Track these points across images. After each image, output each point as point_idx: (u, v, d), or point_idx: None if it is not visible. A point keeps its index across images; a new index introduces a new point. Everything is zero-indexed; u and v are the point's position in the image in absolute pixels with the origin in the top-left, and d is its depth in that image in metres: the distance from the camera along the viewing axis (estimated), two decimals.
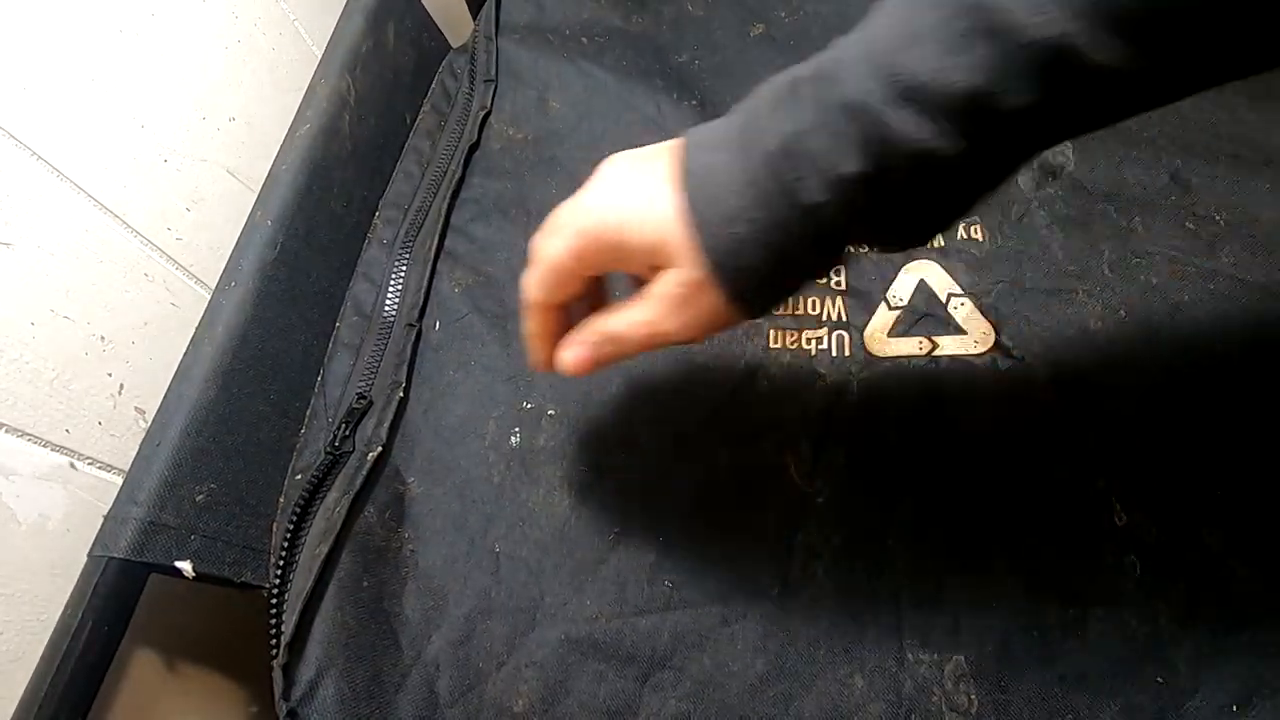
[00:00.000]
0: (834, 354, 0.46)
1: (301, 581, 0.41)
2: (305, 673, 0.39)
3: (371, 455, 0.45)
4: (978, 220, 0.47)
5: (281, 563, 0.42)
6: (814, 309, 0.47)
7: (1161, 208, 0.45)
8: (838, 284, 0.48)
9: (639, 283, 0.32)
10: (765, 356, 0.46)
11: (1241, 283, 0.41)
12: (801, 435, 0.43)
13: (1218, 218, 0.43)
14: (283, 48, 0.56)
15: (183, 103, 0.48)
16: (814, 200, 0.26)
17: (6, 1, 0.38)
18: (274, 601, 0.41)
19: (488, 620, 0.41)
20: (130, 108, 0.44)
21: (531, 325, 0.35)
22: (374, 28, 0.58)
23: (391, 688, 0.40)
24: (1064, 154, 0.48)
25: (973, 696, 0.35)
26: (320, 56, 0.56)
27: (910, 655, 0.37)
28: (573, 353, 0.34)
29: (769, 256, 0.28)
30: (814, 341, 0.46)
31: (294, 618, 0.39)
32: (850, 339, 0.46)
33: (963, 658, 0.36)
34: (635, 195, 0.30)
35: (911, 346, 0.45)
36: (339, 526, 0.42)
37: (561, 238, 0.32)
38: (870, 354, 0.45)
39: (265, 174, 0.51)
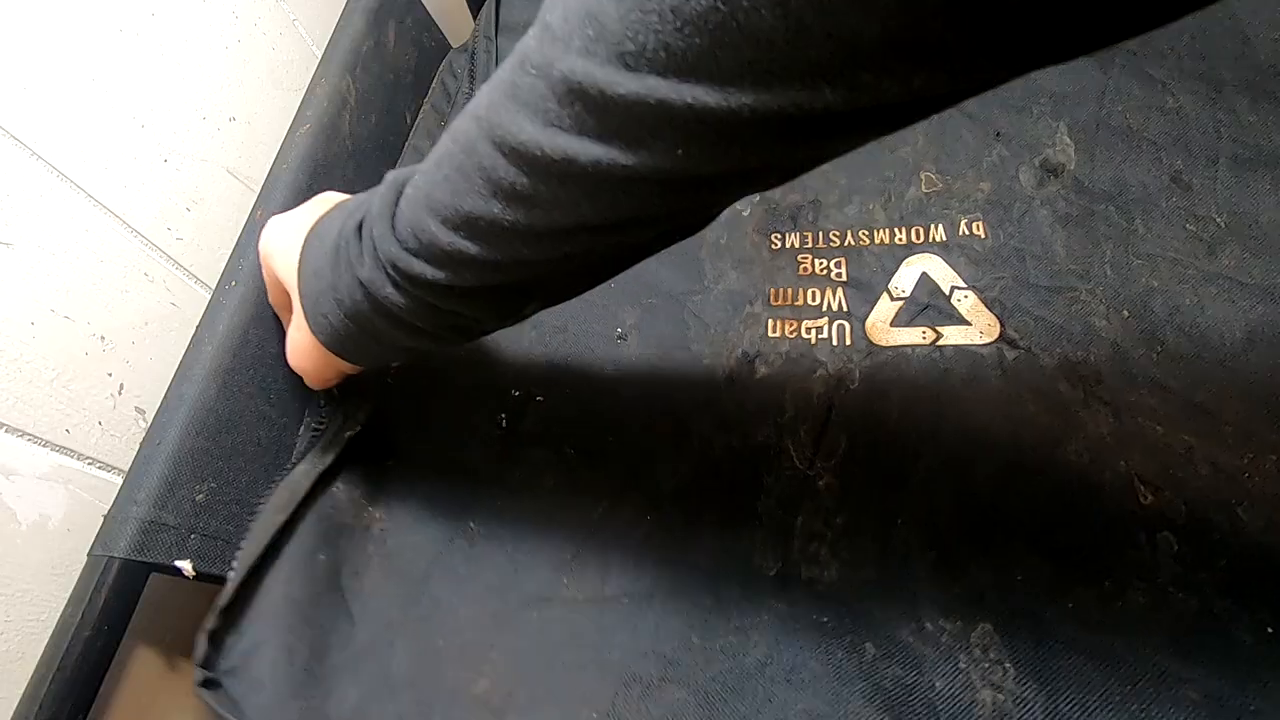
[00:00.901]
0: (835, 343, 0.45)
1: (251, 550, 0.39)
2: (237, 643, 0.36)
3: (348, 433, 0.43)
4: (980, 217, 0.47)
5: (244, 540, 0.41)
6: (814, 299, 0.47)
7: (1162, 209, 0.45)
8: (838, 275, 0.48)
9: None
10: (763, 344, 0.46)
11: (1242, 285, 0.41)
12: (800, 421, 0.43)
13: (1218, 219, 0.43)
14: (283, 48, 0.56)
15: (183, 103, 0.48)
16: (368, 275, 0.31)
17: (6, 1, 0.38)
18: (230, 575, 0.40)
19: (455, 599, 0.40)
20: (130, 108, 0.44)
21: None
22: (374, 28, 0.58)
23: (340, 666, 0.38)
24: (1065, 153, 0.48)
25: (1007, 666, 0.33)
26: (320, 56, 0.56)
27: (929, 624, 0.35)
28: None
29: (343, 314, 0.33)
30: (814, 331, 0.46)
31: (234, 586, 0.37)
32: (851, 329, 0.45)
33: (990, 626, 0.34)
34: (291, 234, 0.37)
35: (915, 336, 0.44)
36: (300, 498, 0.41)
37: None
38: (872, 343, 0.45)
39: (265, 174, 0.51)
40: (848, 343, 0.45)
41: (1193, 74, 0.48)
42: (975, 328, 0.44)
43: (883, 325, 0.45)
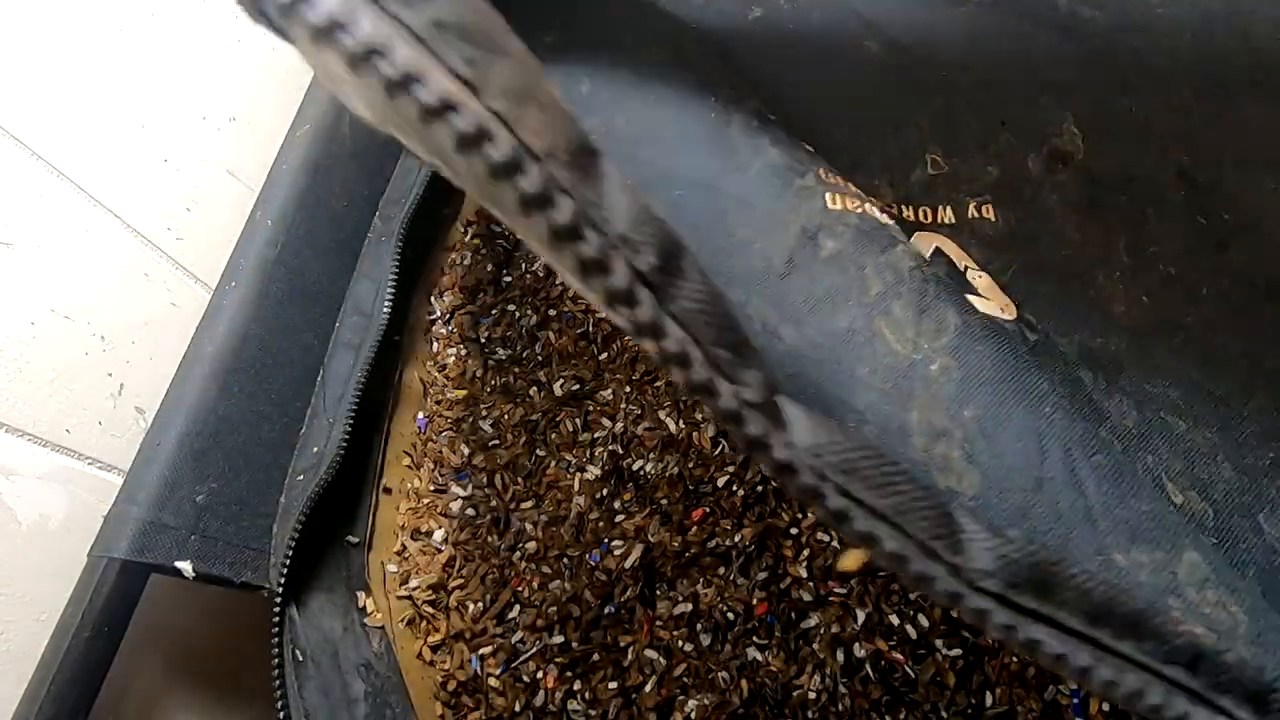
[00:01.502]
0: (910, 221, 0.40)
1: None
2: None
3: None
4: (989, 199, 0.46)
5: (285, 566, 0.41)
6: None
7: (1171, 203, 0.44)
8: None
9: None
10: (825, 218, 0.38)
11: (1249, 283, 0.41)
12: (893, 298, 0.34)
13: (1226, 216, 0.43)
14: (283, 48, 0.56)
15: (183, 103, 0.48)
16: None
17: (7, 2, 0.38)
18: (278, 603, 0.40)
19: None
20: (130, 108, 0.44)
21: None
22: None
23: None
24: (1073, 143, 0.48)
25: (1232, 609, 0.26)
26: None
27: (1119, 555, 0.27)
28: None
29: None
30: (883, 211, 0.40)
31: None
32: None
33: (1198, 556, 0.27)
34: None
35: None
36: None
37: None
38: None
39: (265, 174, 0.51)
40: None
41: (1197, 71, 0.48)
42: (995, 304, 0.42)
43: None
